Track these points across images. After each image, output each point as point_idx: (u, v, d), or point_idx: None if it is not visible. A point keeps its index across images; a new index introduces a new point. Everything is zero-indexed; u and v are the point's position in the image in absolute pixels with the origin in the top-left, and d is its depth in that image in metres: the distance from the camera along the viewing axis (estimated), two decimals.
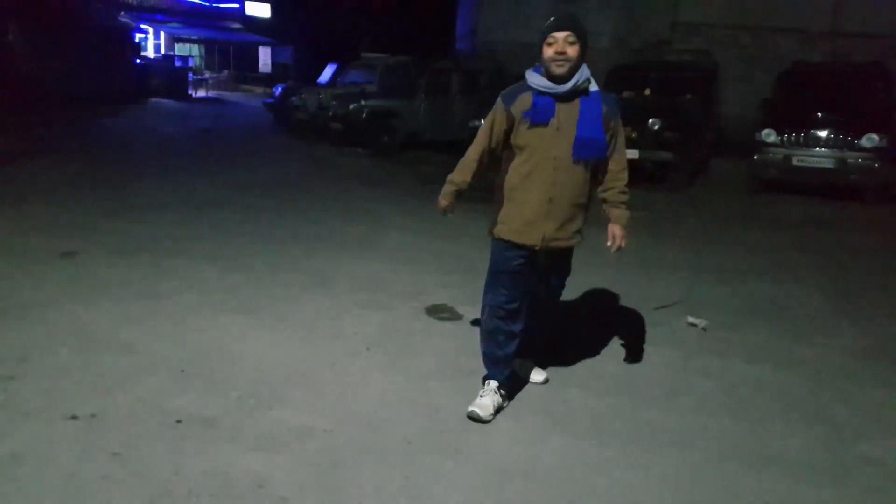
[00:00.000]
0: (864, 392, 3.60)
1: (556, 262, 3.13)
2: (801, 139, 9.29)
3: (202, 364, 3.49)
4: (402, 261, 5.62)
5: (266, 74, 29.58)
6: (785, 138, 9.37)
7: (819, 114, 9.43)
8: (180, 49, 29.22)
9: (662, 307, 4.77)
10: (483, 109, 11.70)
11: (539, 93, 2.85)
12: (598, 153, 2.91)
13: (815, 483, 2.72)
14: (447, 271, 5.38)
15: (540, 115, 2.84)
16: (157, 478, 2.52)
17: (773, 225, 7.83)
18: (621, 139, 3.01)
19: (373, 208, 7.75)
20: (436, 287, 4.95)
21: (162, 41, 28.49)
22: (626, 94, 10.53)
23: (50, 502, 2.35)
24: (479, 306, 4.47)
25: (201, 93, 25.30)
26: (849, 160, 9.07)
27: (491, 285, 3.12)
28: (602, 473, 2.72)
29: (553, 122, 2.85)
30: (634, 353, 3.88)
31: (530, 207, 2.92)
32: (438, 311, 4.49)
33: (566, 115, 2.86)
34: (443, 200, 3.21)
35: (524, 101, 2.88)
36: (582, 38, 2.83)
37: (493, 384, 3.16)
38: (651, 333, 4.27)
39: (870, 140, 8.95)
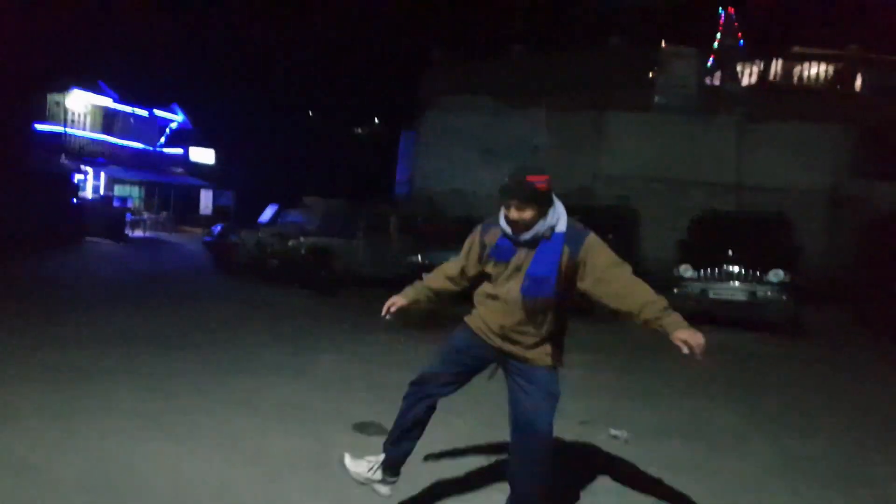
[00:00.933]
0: (776, 502, 3.75)
1: (523, 374, 2.98)
2: (716, 274, 10.05)
3: (124, 485, 3.37)
4: (333, 387, 5.62)
5: (207, 216, 29.91)
6: (701, 273, 10.11)
7: (731, 252, 10.27)
8: (120, 190, 29.45)
9: (586, 422, 4.92)
10: (419, 247, 12.18)
11: (504, 234, 3.01)
12: (545, 291, 2.87)
13: None
14: (379, 394, 5.40)
15: (501, 254, 2.99)
16: None
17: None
18: (605, 262, 2.89)
19: (309, 340, 7.77)
20: (366, 407, 4.96)
21: (102, 182, 28.73)
22: None
23: None
24: None
25: (139, 233, 25.25)
26: (758, 293, 9.81)
27: (432, 354, 3.18)
28: None
29: (513, 261, 2.95)
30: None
31: (488, 322, 3.02)
32: (366, 428, 4.48)
33: (526, 255, 2.94)
34: (393, 298, 3.22)
35: (493, 236, 3.05)
36: (532, 200, 2.86)
37: (380, 458, 3.15)
38: (575, 446, 4.38)
39: (776, 275, 9.77)
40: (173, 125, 32.69)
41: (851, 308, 11.43)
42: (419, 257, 12.17)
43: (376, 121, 38.43)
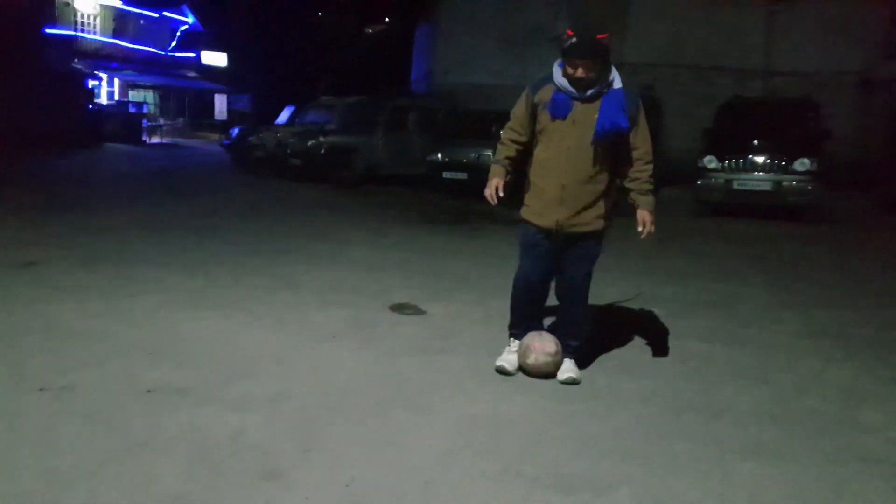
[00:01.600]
0: (805, 362, 3.85)
1: (576, 246, 3.23)
2: (741, 165, 9.87)
3: (172, 347, 3.54)
4: (365, 269, 5.74)
5: (222, 121, 29.64)
6: (725, 164, 9.94)
7: (756, 141, 10.04)
8: (134, 96, 29.17)
9: (621, 302, 4.99)
10: (440, 145, 12.09)
11: (559, 90, 3.08)
12: (616, 137, 3.06)
13: (761, 428, 2.91)
14: (409, 276, 5.53)
15: (558, 110, 3.07)
16: (132, 434, 2.56)
17: (717, 239, 8.26)
18: (642, 132, 3.13)
19: (336, 228, 7.89)
20: (399, 289, 5.08)
21: (116, 88, 28.41)
22: None
23: (22, 457, 2.36)
24: (442, 304, 4.69)
25: (156, 139, 25.21)
26: (784, 183, 9.66)
27: (520, 260, 3.38)
28: (564, 424, 2.86)
29: (570, 116, 3.06)
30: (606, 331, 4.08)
31: (546, 193, 3.15)
32: (403, 308, 4.60)
33: (584, 110, 3.06)
34: (492, 181, 3.24)
35: (546, 93, 3.12)
36: (602, 55, 3.01)
37: (516, 343, 3.42)
38: (612, 320, 4.47)
39: (802, 164, 9.58)
40: (184, 27, 31.84)
41: (879, 194, 11.24)
42: (439, 155, 12.06)
43: (387, 19, 37.03)
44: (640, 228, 3.18)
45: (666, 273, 6.17)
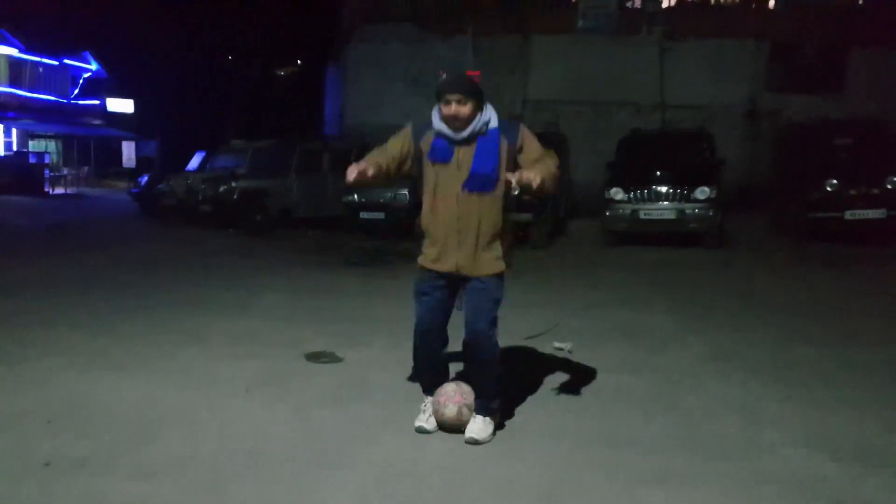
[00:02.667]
0: (709, 386, 4.03)
1: (476, 291, 3.15)
2: (645, 195, 10.36)
3: (71, 414, 3.35)
4: (278, 318, 5.63)
5: (130, 169, 28.59)
6: (631, 195, 10.41)
7: (658, 172, 10.58)
8: (35, 145, 27.72)
9: (532, 337, 5.10)
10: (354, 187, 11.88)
11: (439, 134, 3.10)
12: (488, 187, 3.03)
13: (670, 455, 3.01)
14: (325, 323, 5.46)
15: (438, 155, 3.08)
16: None
17: (625, 268, 8.60)
18: (530, 151, 3.08)
19: (248, 276, 7.71)
20: (315, 337, 5.00)
21: (14, 138, 26.93)
22: None
23: None
24: (358, 349, 4.66)
25: (59, 189, 23.98)
26: (687, 210, 10.20)
27: (416, 310, 3.29)
28: (480, 467, 2.88)
29: (453, 160, 3.06)
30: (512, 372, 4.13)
31: (441, 239, 3.11)
32: (318, 357, 4.53)
33: (464, 153, 3.06)
34: (353, 166, 3.08)
35: (428, 140, 3.13)
36: (473, 94, 3.01)
37: (428, 399, 3.33)
38: (522, 358, 4.56)
39: (702, 192, 10.16)
40: (87, 75, 30.70)
41: (769, 216, 12.09)
42: (355, 196, 12.07)
43: (298, 62, 37.07)
44: (512, 181, 2.94)
45: (574, 304, 6.37)
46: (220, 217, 12.68)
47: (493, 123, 3.08)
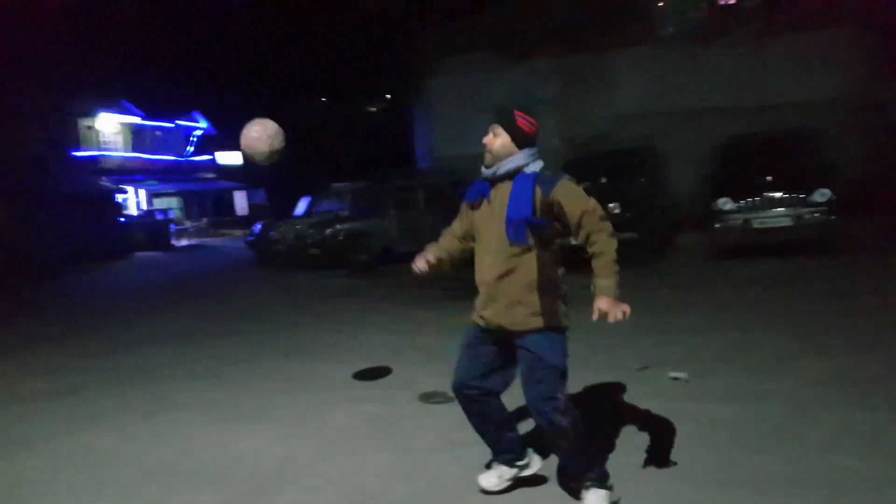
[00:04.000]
0: (830, 415, 3.78)
1: (521, 353, 2.82)
2: (758, 202, 9.79)
3: (202, 467, 3.66)
4: (389, 359, 5.85)
5: (244, 216, 30.61)
6: (742, 204, 9.88)
7: (769, 177, 9.99)
8: (160, 203, 30.36)
9: (644, 368, 5.00)
10: (449, 217, 12.25)
11: (480, 176, 3.00)
12: (521, 236, 2.78)
13: (786, 495, 2.87)
14: (433, 361, 5.61)
15: (471, 194, 2.98)
16: None
17: (738, 283, 8.21)
18: (572, 203, 2.76)
19: (357, 316, 8.05)
20: (425, 376, 5.17)
21: (142, 198, 29.62)
22: (583, 185, 11.34)
23: None
24: None
25: (184, 241, 26.03)
26: (805, 216, 9.50)
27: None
28: None
29: (485, 203, 2.90)
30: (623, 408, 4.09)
31: (480, 289, 2.93)
32: (431, 397, 4.69)
33: (498, 194, 2.86)
34: (419, 256, 3.18)
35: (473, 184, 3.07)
36: (509, 128, 2.86)
37: (502, 468, 3.12)
38: (635, 389, 4.50)
39: (822, 195, 9.43)
40: (198, 132, 33.35)
41: (890, 217, 11.13)
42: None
43: (388, 96, 38.31)
44: (593, 317, 2.72)
45: (686, 326, 6.18)
46: (327, 259, 13.35)
47: (532, 168, 2.84)
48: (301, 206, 17.20)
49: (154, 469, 3.68)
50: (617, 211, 10.19)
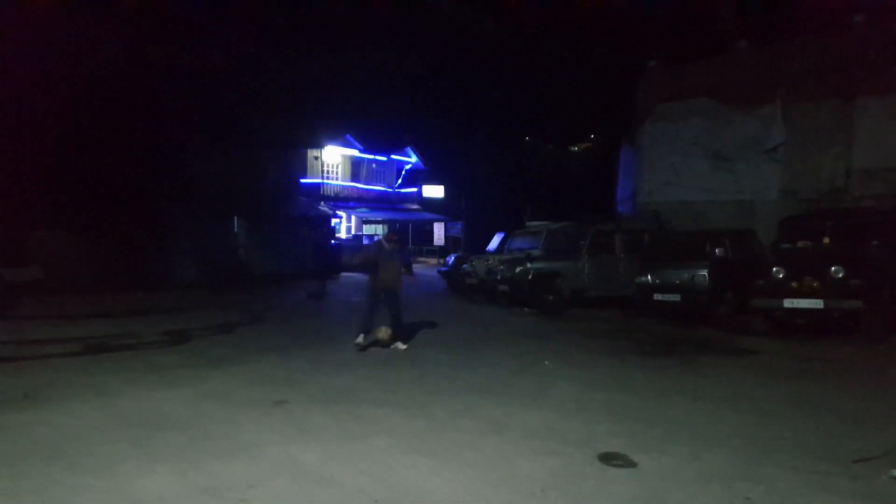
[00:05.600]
0: None
1: None
2: None
3: (392, 498, 3.86)
4: (571, 411, 5.76)
5: (439, 247, 32.17)
6: None
7: None
8: (368, 229, 33.03)
9: (863, 460, 4.42)
10: (649, 266, 11.88)
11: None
12: None
13: None
14: (618, 420, 5.43)
15: None
16: None
17: None
18: None
19: (541, 362, 8.02)
20: (607, 436, 5.01)
21: (353, 223, 32.44)
22: (800, 244, 10.33)
23: None
24: (653, 456, 4.53)
25: None
26: None
27: None
28: None
29: None
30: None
31: None
32: (611, 459, 4.53)
33: None
34: None
35: None
36: None
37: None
38: (849, 486, 3.98)
39: None
40: (408, 167, 35.93)
41: None
42: (649, 277, 11.83)
43: (592, 136, 38.21)
44: None
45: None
46: (515, 297, 13.51)
47: None
48: (494, 242, 17.70)
49: (345, 491, 3.96)
50: (840, 275, 9.16)
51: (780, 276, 9.76)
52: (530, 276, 13.38)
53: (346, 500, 3.80)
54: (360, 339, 8.82)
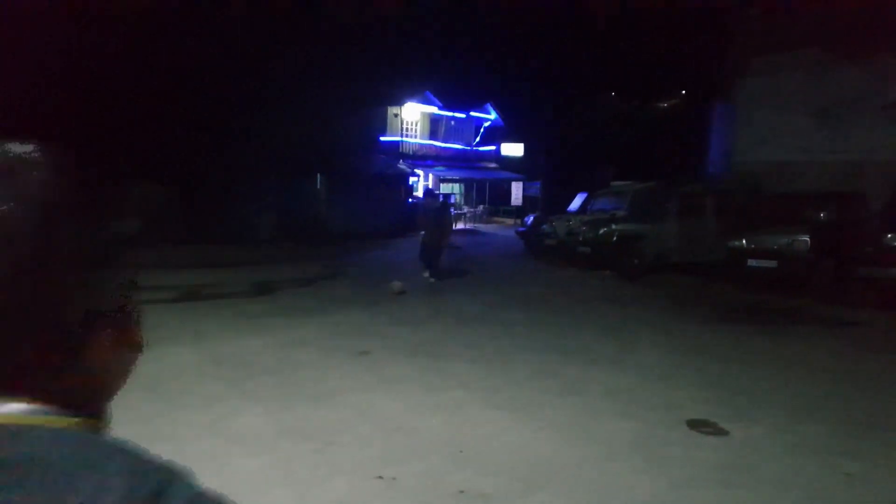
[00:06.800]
0: None
1: None
2: None
3: (474, 448, 3.91)
4: (655, 376, 5.62)
5: (517, 207, 31.81)
6: None
7: None
8: (444, 188, 32.99)
9: None
10: (743, 230, 11.31)
11: None
12: None
13: None
14: (704, 387, 5.27)
15: None
16: None
17: None
18: None
19: (622, 325, 7.87)
20: (694, 402, 4.88)
21: (430, 181, 32.47)
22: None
23: None
24: (743, 424, 4.39)
25: (460, 225, 27.94)
26: None
27: None
28: None
29: None
30: None
31: None
32: (699, 425, 4.41)
33: None
34: None
35: None
36: None
37: None
38: None
39: None
40: (486, 124, 35.41)
41: None
42: (743, 241, 11.30)
43: (683, 92, 36.41)
44: None
45: None
46: (597, 259, 13.22)
47: None
48: (576, 202, 17.31)
49: (428, 439, 4.04)
50: None
51: (894, 243, 9.15)
52: (614, 238, 13.03)
53: (430, 449, 3.88)
54: (426, 274, 11.21)
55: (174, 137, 18.36)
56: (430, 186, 27.09)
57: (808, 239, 10.43)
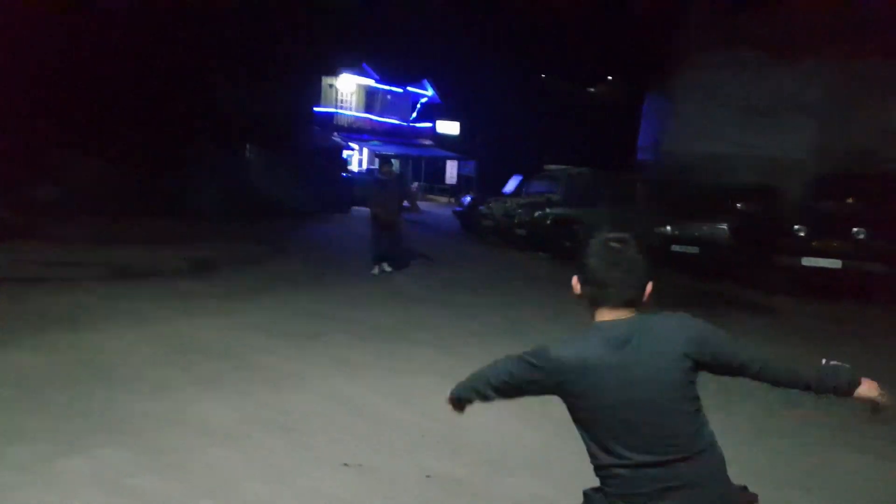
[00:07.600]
0: None
1: None
2: None
3: (440, 433, 4.03)
4: None
5: (451, 186, 32.00)
6: None
7: None
8: (379, 163, 32.76)
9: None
10: (669, 218, 11.80)
11: None
12: None
13: None
14: None
15: None
16: None
17: None
18: None
19: (568, 308, 8.15)
20: None
21: (364, 157, 32.15)
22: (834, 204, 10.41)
23: None
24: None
25: None
26: None
27: None
28: None
29: None
30: None
31: None
32: None
33: None
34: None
35: None
36: None
37: None
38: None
39: None
40: (423, 100, 35.27)
41: None
42: (668, 228, 11.87)
43: (609, 78, 37.15)
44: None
45: None
46: (532, 241, 13.56)
47: None
48: (511, 184, 17.60)
49: (392, 425, 4.13)
50: (861, 237, 9.27)
51: (802, 234, 9.82)
52: (549, 221, 13.38)
53: (395, 435, 3.97)
54: (376, 270, 9.83)
55: (103, 106, 17.37)
56: (378, 159, 26.81)
57: (726, 227, 11.08)
